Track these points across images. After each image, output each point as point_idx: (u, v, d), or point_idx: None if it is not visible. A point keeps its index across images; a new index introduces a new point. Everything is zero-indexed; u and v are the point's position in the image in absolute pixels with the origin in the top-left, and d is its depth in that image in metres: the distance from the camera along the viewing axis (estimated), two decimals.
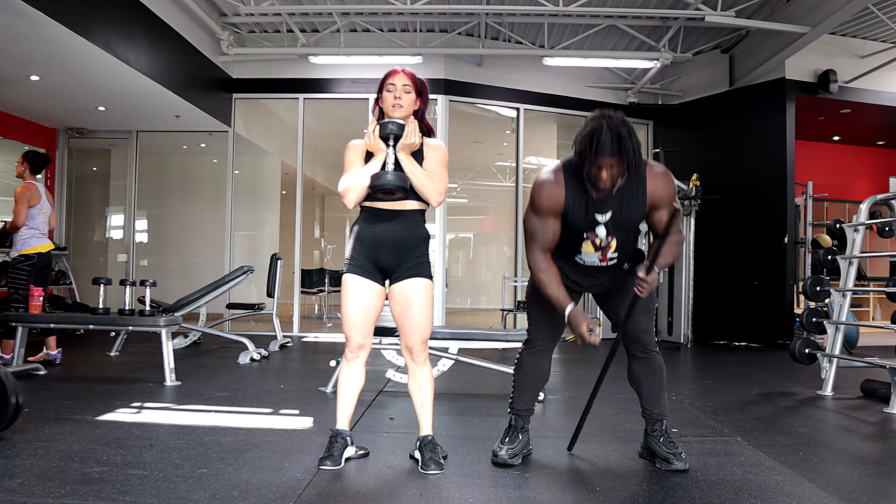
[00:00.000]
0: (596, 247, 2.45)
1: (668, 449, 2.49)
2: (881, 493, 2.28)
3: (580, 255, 2.49)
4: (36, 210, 4.91)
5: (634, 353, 2.59)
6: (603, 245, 2.44)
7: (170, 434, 2.92)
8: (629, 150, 2.24)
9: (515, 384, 2.67)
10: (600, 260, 2.48)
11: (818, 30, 6.06)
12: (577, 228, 2.42)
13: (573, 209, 2.39)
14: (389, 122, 2.41)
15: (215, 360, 5.44)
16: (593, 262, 2.50)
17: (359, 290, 2.47)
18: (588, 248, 2.46)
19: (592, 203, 2.37)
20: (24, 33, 4.58)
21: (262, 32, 7.61)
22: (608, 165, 2.24)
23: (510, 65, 7.89)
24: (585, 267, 2.52)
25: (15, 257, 4.90)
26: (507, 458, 2.51)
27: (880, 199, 4.38)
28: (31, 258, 4.86)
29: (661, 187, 2.39)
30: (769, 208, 7.25)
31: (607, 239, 2.43)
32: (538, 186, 2.43)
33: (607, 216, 2.38)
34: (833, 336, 4.30)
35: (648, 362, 2.57)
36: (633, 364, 2.60)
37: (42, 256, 4.94)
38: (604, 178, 2.26)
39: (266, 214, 9.38)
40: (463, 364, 4.17)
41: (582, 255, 2.49)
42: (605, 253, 2.46)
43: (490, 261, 12.99)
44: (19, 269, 4.86)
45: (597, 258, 2.48)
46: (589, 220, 2.39)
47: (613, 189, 2.31)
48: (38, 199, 4.91)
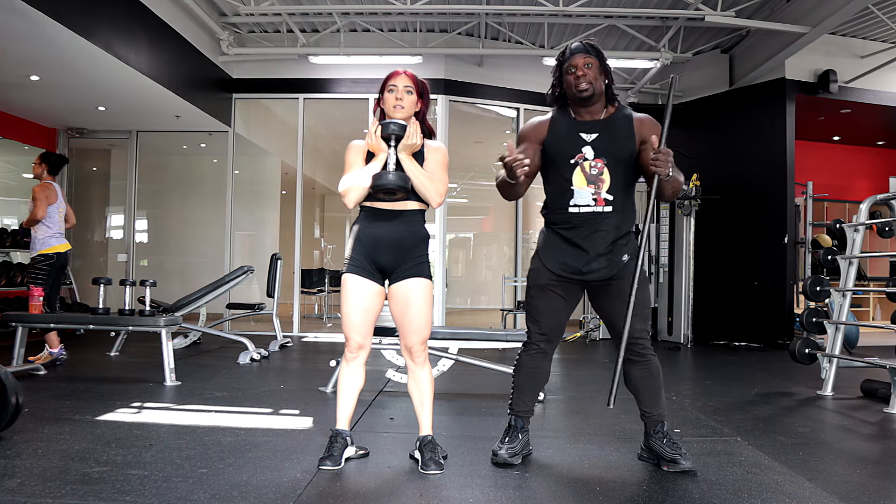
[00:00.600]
0: (587, 176, 2.42)
1: (673, 450, 2.48)
2: (881, 493, 2.28)
3: (573, 199, 2.44)
4: (53, 209, 5.01)
5: (630, 357, 2.55)
6: (594, 174, 2.42)
7: (170, 434, 2.92)
8: (600, 52, 2.46)
9: (515, 385, 2.66)
10: (595, 201, 2.42)
11: (818, 30, 6.06)
12: (564, 151, 2.44)
13: (556, 130, 2.48)
14: (391, 123, 2.42)
15: (215, 360, 5.44)
16: (588, 205, 2.42)
17: (358, 290, 2.47)
18: (579, 179, 2.43)
19: (577, 124, 2.47)
20: (24, 33, 4.59)
21: (262, 32, 7.61)
22: (582, 63, 2.41)
23: (510, 65, 7.90)
24: (582, 217, 2.43)
25: (34, 257, 4.97)
26: (506, 458, 2.51)
27: (880, 199, 4.38)
28: (51, 258, 4.93)
29: (648, 124, 2.48)
30: (769, 208, 7.25)
31: (597, 164, 2.42)
32: (525, 127, 2.60)
33: (592, 136, 2.43)
34: (833, 336, 4.30)
35: (645, 365, 2.55)
36: (630, 368, 2.57)
37: (60, 256, 5.01)
38: (581, 73, 2.40)
39: (266, 214, 9.39)
40: (463, 364, 4.17)
41: (575, 197, 2.43)
42: (599, 188, 2.42)
43: (490, 261, 12.99)
44: (38, 268, 4.93)
45: (591, 196, 2.42)
46: (574, 138, 2.44)
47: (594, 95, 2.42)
48: (55, 198, 5.02)
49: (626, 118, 2.48)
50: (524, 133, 2.57)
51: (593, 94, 2.42)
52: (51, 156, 5.18)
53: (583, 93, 2.41)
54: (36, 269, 4.93)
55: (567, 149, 2.44)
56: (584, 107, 2.46)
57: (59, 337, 4.95)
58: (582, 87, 2.40)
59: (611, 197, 2.43)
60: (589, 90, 2.40)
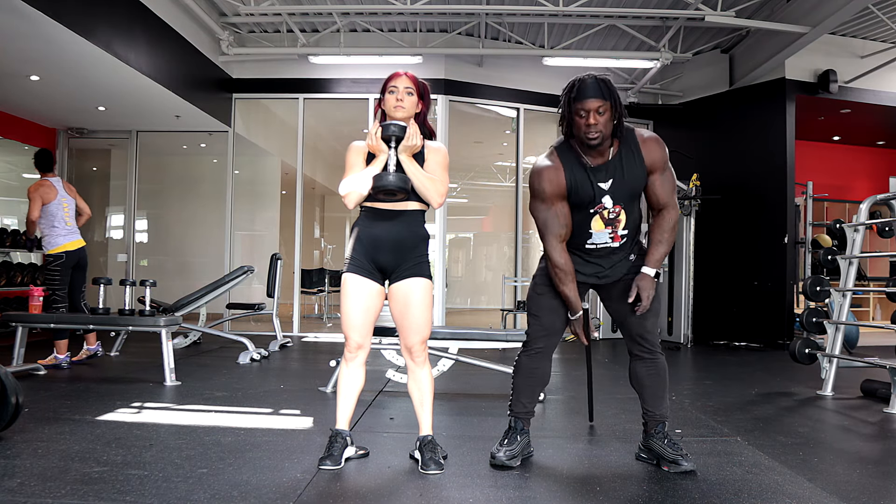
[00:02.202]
0: (605, 221, 2.43)
1: (675, 451, 2.47)
2: (881, 493, 2.28)
3: (591, 239, 2.46)
4: (55, 206, 4.93)
5: (638, 354, 2.55)
6: (612, 217, 2.43)
7: (170, 434, 2.92)
8: (613, 92, 2.33)
9: (514, 387, 2.65)
10: (612, 238, 2.45)
11: (818, 30, 6.06)
12: (583, 204, 2.41)
13: (574, 184, 2.41)
14: (391, 124, 2.42)
15: (215, 360, 5.44)
16: (605, 243, 2.46)
17: (358, 290, 2.47)
18: (598, 224, 2.43)
19: (592, 172, 2.40)
20: (24, 33, 4.58)
21: (262, 32, 7.61)
22: (594, 108, 2.28)
23: (510, 65, 7.90)
24: (598, 250, 2.49)
25: (45, 257, 4.96)
26: (504, 460, 2.50)
27: (880, 199, 4.38)
28: (59, 257, 4.90)
29: (655, 148, 2.45)
30: (769, 208, 7.25)
31: (615, 209, 2.42)
32: (536, 174, 2.46)
33: (609, 183, 2.39)
34: (833, 336, 4.30)
35: (652, 363, 2.54)
36: (636, 365, 2.57)
37: (70, 255, 4.95)
38: (592, 122, 2.29)
39: (266, 214, 9.39)
40: (463, 364, 4.17)
41: (593, 238, 2.46)
42: (616, 228, 2.44)
43: (490, 261, 12.99)
44: (50, 269, 4.92)
45: (608, 236, 2.45)
46: (593, 191, 2.40)
47: (604, 141, 2.34)
48: (53, 195, 4.92)
49: (634, 149, 2.40)
50: (544, 190, 2.42)
51: (602, 142, 2.34)
52: (37, 154, 5.12)
53: (592, 141, 2.32)
54: (48, 271, 4.92)
55: (586, 200, 2.40)
56: (592, 149, 2.38)
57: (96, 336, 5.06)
58: (592, 137, 2.30)
59: (626, 232, 2.47)
60: (598, 138, 2.31)
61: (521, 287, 8.11)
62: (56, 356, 4.78)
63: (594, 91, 2.28)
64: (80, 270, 5.09)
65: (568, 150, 2.44)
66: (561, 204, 2.43)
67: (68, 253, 4.93)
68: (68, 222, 4.99)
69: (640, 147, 2.42)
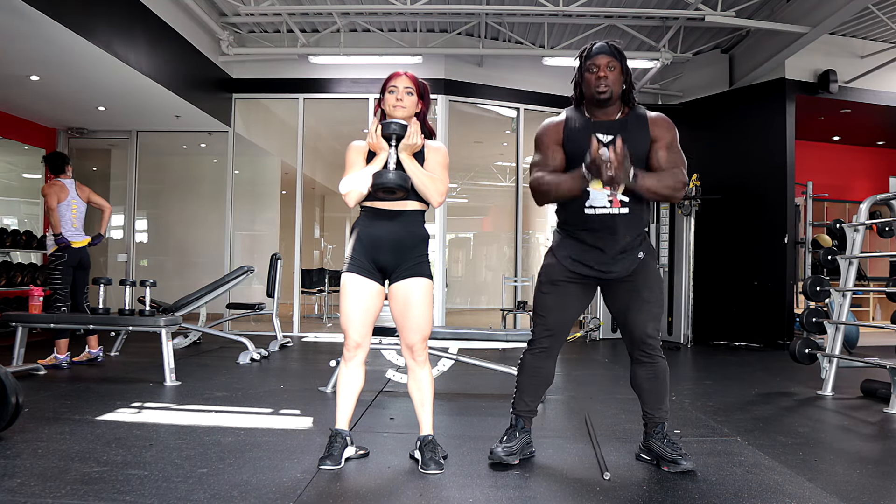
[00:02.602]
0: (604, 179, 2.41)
1: (674, 451, 2.47)
2: (881, 493, 2.28)
3: (589, 200, 2.41)
4: (64, 207, 4.99)
5: (638, 358, 2.53)
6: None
7: (170, 434, 2.93)
8: (623, 55, 2.44)
9: (518, 385, 2.65)
10: (611, 202, 2.40)
11: (818, 30, 6.06)
12: (581, 153, 2.34)
13: (573, 133, 2.45)
14: (392, 123, 2.43)
15: (215, 360, 5.45)
16: (604, 208, 2.40)
17: (358, 290, 2.47)
18: (596, 182, 2.36)
19: (594, 125, 2.44)
20: (24, 33, 4.58)
21: (262, 32, 7.61)
22: (604, 63, 2.39)
23: (510, 65, 7.90)
24: (597, 219, 2.41)
25: (48, 256, 5.03)
26: (502, 456, 2.50)
27: (880, 199, 4.38)
28: (62, 256, 4.92)
29: (663, 124, 2.47)
30: (769, 208, 7.25)
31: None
32: (539, 131, 2.56)
33: (609, 138, 2.38)
34: (833, 336, 4.30)
35: (652, 367, 2.52)
36: (637, 368, 2.55)
37: (73, 254, 4.97)
38: (602, 75, 2.38)
39: (266, 214, 9.39)
40: (463, 364, 4.17)
41: (591, 198, 2.41)
42: (615, 191, 2.38)
43: (490, 261, 12.99)
44: (52, 268, 4.95)
45: (607, 199, 2.40)
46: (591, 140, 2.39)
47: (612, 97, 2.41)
48: (64, 196, 4.99)
49: (640, 118, 2.46)
50: (543, 137, 2.52)
51: (611, 97, 2.41)
52: (48, 157, 5.22)
53: (601, 94, 2.39)
54: (50, 270, 4.96)
55: (584, 151, 2.37)
56: (599, 108, 2.45)
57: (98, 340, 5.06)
58: (601, 90, 2.39)
59: (626, 199, 2.42)
60: (607, 92, 2.39)
61: (521, 287, 8.11)
62: (56, 356, 4.78)
63: (605, 49, 2.44)
64: (82, 270, 5.10)
65: (575, 110, 2.54)
66: (557, 148, 2.48)
67: (71, 252, 4.94)
68: (75, 224, 5.04)
69: (647, 120, 2.47)
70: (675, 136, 2.46)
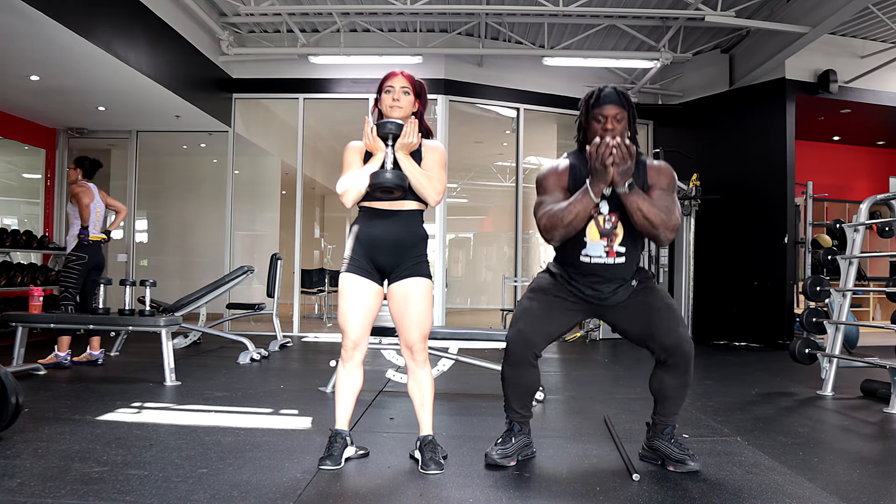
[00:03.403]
0: (601, 230, 2.39)
1: (682, 451, 2.47)
2: (881, 493, 2.28)
3: (585, 250, 2.41)
4: (91, 207, 5.11)
5: (674, 363, 2.40)
6: (608, 228, 2.39)
7: (170, 434, 2.93)
8: (632, 105, 2.38)
9: (504, 394, 2.59)
10: (606, 252, 2.40)
11: (818, 30, 6.06)
12: None
13: (575, 184, 2.40)
14: (388, 122, 2.43)
15: (215, 360, 5.45)
16: (600, 258, 2.41)
17: (356, 290, 2.47)
18: (593, 233, 2.39)
19: None
20: (24, 33, 4.58)
21: (262, 32, 7.61)
22: (612, 115, 2.33)
23: (510, 65, 7.90)
24: (592, 266, 2.42)
25: (67, 256, 5.06)
26: (496, 459, 2.49)
27: (880, 199, 4.38)
28: (83, 257, 5.00)
29: (661, 171, 2.44)
30: (769, 208, 7.25)
31: (611, 218, 2.39)
32: (541, 175, 2.50)
33: (609, 190, 2.36)
34: (833, 336, 4.30)
35: (685, 375, 2.43)
36: (665, 374, 2.44)
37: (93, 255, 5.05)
38: (609, 127, 2.32)
39: (266, 214, 9.39)
40: (463, 364, 4.17)
41: (587, 249, 2.41)
42: (612, 242, 2.39)
43: (490, 261, 12.99)
44: (71, 267, 5.00)
45: (603, 249, 2.40)
46: None
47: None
48: (92, 197, 5.14)
49: (641, 165, 2.42)
50: (546, 182, 2.46)
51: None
52: (85, 160, 5.30)
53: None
54: (68, 267, 4.99)
55: None
56: None
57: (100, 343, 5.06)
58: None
59: (622, 249, 2.41)
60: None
61: (521, 287, 8.11)
62: (57, 353, 4.79)
63: (614, 98, 2.35)
64: (96, 272, 5.17)
65: (579, 156, 2.47)
66: (561, 193, 2.43)
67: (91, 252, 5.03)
68: (97, 227, 5.16)
69: (646, 168, 2.44)
70: (672, 184, 2.44)
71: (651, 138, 8.68)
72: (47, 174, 7.70)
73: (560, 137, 9.29)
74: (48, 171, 7.70)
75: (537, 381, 2.55)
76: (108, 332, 5.62)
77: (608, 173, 2.25)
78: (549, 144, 9.49)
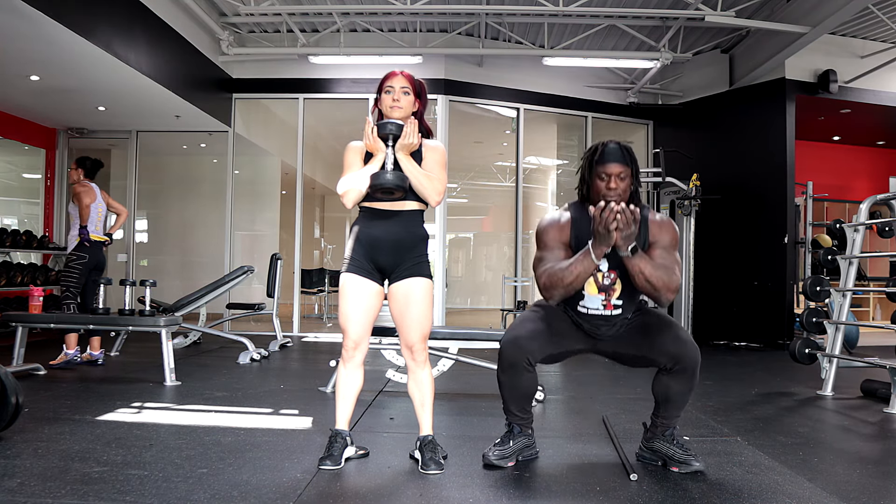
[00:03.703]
0: (599, 286, 2.40)
1: (685, 452, 2.47)
2: (881, 493, 2.28)
3: (583, 301, 2.43)
4: (92, 208, 5.09)
5: (681, 369, 2.42)
6: (606, 284, 2.40)
7: (170, 434, 2.93)
8: (635, 161, 2.35)
9: (502, 398, 2.58)
10: (604, 305, 2.42)
11: (818, 30, 6.06)
12: None
13: (577, 242, 2.39)
14: (388, 123, 2.42)
15: (215, 360, 5.45)
16: (597, 310, 2.43)
17: (357, 290, 2.47)
18: (591, 287, 2.40)
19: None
20: (24, 33, 4.58)
21: (262, 32, 7.61)
22: (616, 173, 2.31)
23: (510, 65, 7.90)
24: (589, 317, 2.45)
25: (68, 255, 5.05)
26: (493, 460, 2.49)
27: (880, 199, 4.38)
28: (83, 257, 4.99)
29: (664, 228, 2.43)
30: (769, 208, 7.25)
31: (610, 275, 2.40)
32: (542, 228, 2.48)
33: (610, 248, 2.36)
34: (833, 336, 4.30)
35: (692, 380, 2.44)
36: (670, 379, 2.43)
37: (93, 255, 5.04)
38: (613, 186, 2.30)
39: (266, 214, 9.39)
40: (463, 364, 4.17)
41: (585, 301, 2.43)
42: (610, 297, 2.40)
43: (490, 261, 13.00)
44: (71, 267, 4.99)
45: (601, 302, 2.42)
46: None
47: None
48: (94, 198, 5.12)
49: (643, 223, 2.41)
50: (547, 236, 2.44)
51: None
52: (86, 160, 5.28)
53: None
54: (69, 267, 4.98)
55: None
56: None
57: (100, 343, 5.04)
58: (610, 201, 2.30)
59: (620, 302, 2.43)
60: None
61: (521, 287, 8.11)
62: (66, 351, 4.81)
63: (618, 156, 2.32)
64: (97, 272, 5.15)
65: (580, 210, 2.44)
66: (561, 250, 2.41)
67: (91, 252, 5.02)
68: (98, 226, 5.15)
69: (648, 224, 2.42)
70: (674, 241, 2.43)
71: (651, 138, 8.68)
72: (47, 174, 7.70)
73: (560, 137, 9.30)
74: (48, 171, 7.70)
75: (533, 386, 2.52)
76: (108, 332, 5.62)
77: (611, 238, 2.23)
78: (549, 144, 9.50)
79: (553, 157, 9.85)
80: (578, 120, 8.48)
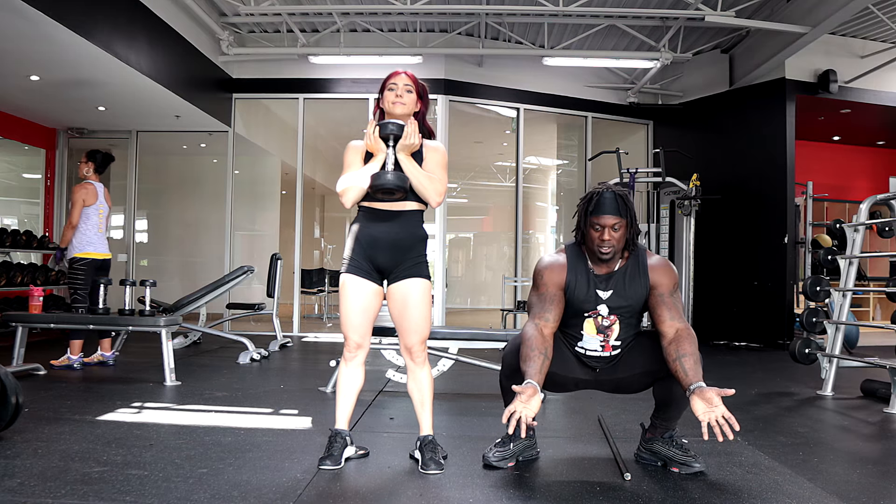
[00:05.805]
0: (598, 328, 2.41)
1: (686, 453, 2.47)
2: (881, 493, 2.28)
3: (581, 343, 2.44)
4: (92, 210, 4.98)
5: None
6: (605, 326, 2.40)
7: (170, 434, 2.92)
8: (630, 210, 2.35)
9: (504, 401, 2.58)
10: (602, 347, 2.42)
11: (818, 30, 6.06)
12: (579, 307, 2.39)
13: (575, 285, 2.39)
14: (389, 123, 2.42)
15: (215, 360, 5.45)
16: (595, 351, 2.43)
17: (357, 291, 2.47)
18: (590, 329, 2.41)
19: (594, 279, 2.40)
20: (24, 33, 4.59)
21: (262, 32, 7.61)
22: (610, 225, 2.31)
23: (510, 65, 7.90)
24: (587, 357, 2.45)
25: (70, 259, 4.96)
26: (492, 461, 2.49)
27: (880, 199, 4.38)
28: (85, 260, 4.91)
29: (662, 272, 2.41)
30: (769, 208, 7.25)
31: (610, 319, 2.40)
32: (540, 268, 2.46)
33: (608, 294, 2.38)
34: (833, 336, 4.30)
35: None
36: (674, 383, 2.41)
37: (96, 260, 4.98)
38: (606, 238, 2.30)
39: (266, 214, 9.40)
40: (463, 364, 4.17)
41: (584, 342, 2.43)
42: (608, 338, 2.41)
43: (490, 261, 13.00)
44: (75, 269, 4.92)
45: (599, 344, 2.42)
46: (591, 296, 2.38)
47: (615, 255, 2.36)
48: (94, 199, 4.98)
49: (641, 268, 2.40)
50: (545, 277, 2.43)
51: (613, 257, 2.36)
52: (97, 153, 5.14)
53: (604, 256, 2.34)
54: (73, 271, 4.92)
55: (583, 304, 2.39)
56: (602, 261, 2.39)
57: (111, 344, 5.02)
58: (605, 251, 2.33)
59: (618, 343, 2.43)
60: (610, 253, 2.34)
61: (521, 287, 8.11)
62: (69, 356, 4.76)
63: (612, 208, 2.31)
64: (103, 272, 5.11)
65: (577, 253, 2.44)
66: (556, 292, 2.40)
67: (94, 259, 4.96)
68: (100, 229, 5.03)
69: (647, 268, 2.41)
70: (675, 282, 2.42)
71: (651, 138, 8.68)
72: (47, 174, 7.70)
73: (560, 137, 9.30)
74: (48, 171, 7.70)
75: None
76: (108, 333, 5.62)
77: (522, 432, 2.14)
78: (549, 144, 9.51)
79: (553, 157, 9.85)
80: (578, 120, 8.49)
